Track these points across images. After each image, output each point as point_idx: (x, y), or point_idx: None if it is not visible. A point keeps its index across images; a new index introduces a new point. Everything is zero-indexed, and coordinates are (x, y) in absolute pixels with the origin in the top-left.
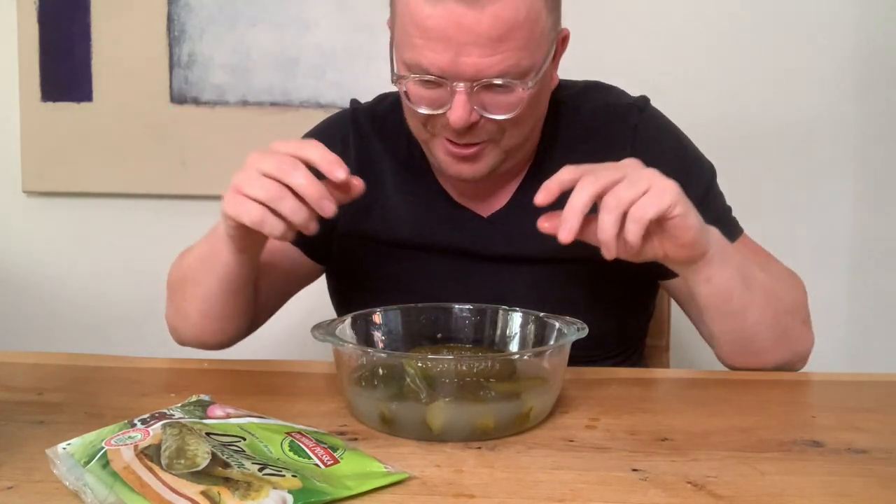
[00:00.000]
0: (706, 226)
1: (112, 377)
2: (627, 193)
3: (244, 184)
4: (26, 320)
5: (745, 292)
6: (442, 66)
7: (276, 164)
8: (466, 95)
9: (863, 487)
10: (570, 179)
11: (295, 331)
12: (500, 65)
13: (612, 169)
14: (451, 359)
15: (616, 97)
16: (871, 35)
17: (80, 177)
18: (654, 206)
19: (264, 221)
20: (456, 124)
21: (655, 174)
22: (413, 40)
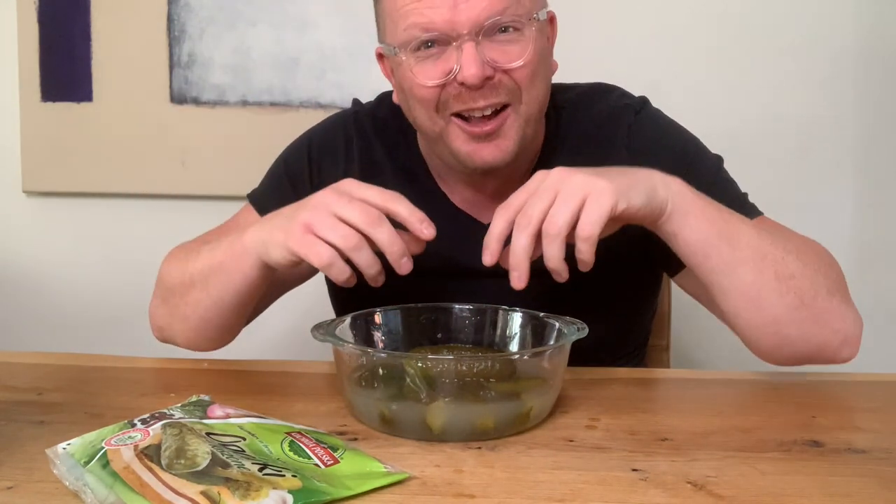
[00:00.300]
0: (657, 182)
1: (112, 377)
2: (564, 217)
3: (319, 225)
4: (26, 320)
5: (727, 249)
6: (442, 19)
7: (361, 216)
8: (474, 47)
9: (863, 487)
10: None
11: (295, 331)
12: (500, 1)
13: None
14: (451, 359)
15: (615, 99)
16: (871, 36)
17: (80, 177)
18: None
19: (333, 266)
20: (471, 80)
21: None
22: (407, 9)
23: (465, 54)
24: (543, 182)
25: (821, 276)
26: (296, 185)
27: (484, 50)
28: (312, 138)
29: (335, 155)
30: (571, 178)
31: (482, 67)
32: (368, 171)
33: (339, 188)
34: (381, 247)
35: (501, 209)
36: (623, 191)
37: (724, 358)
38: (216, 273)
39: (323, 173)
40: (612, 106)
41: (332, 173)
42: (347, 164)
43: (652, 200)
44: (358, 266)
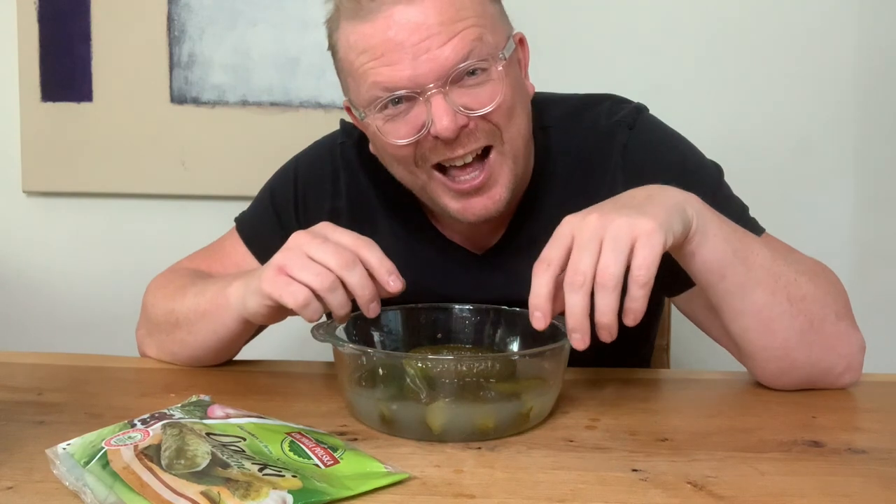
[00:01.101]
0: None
1: (112, 377)
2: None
3: (292, 266)
4: (26, 320)
5: (741, 269)
6: (404, 76)
7: (335, 257)
8: (443, 97)
9: (863, 487)
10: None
11: (295, 331)
12: (462, 45)
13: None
14: (451, 359)
15: (606, 114)
16: (872, 37)
17: (80, 177)
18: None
19: (308, 306)
20: (445, 133)
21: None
22: (365, 69)
23: (434, 107)
24: (582, 231)
25: (830, 299)
26: (280, 216)
27: (454, 98)
28: (299, 169)
29: (321, 188)
30: (614, 223)
31: (454, 118)
32: (357, 205)
33: (314, 231)
34: (352, 290)
35: (542, 266)
36: (667, 224)
37: (724, 358)
38: (201, 320)
39: (308, 206)
40: (605, 123)
41: (318, 206)
42: (335, 198)
43: (685, 223)
44: (329, 306)
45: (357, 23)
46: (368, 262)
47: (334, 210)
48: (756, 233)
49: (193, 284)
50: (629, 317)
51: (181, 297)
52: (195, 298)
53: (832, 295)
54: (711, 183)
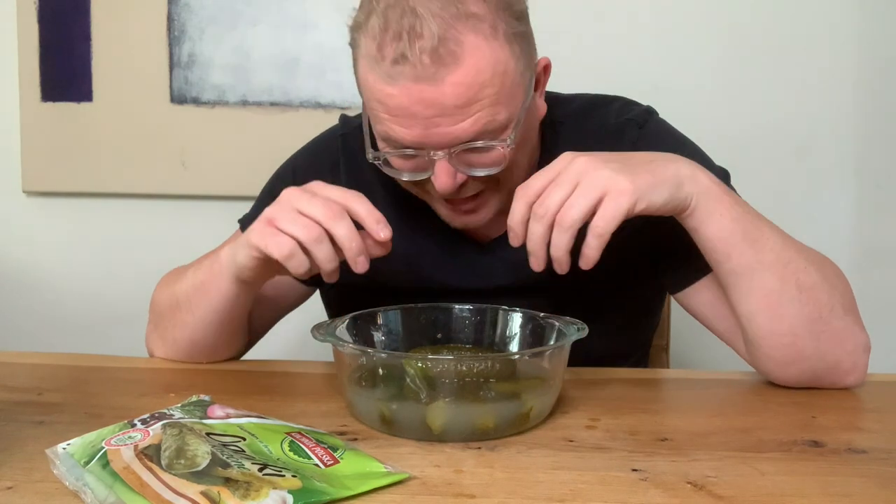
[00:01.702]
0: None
1: (112, 377)
2: (578, 212)
3: (281, 218)
4: (26, 320)
5: (749, 251)
6: (414, 139)
7: (322, 209)
8: (447, 162)
9: (863, 487)
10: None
11: (295, 331)
12: (474, 127)
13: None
14: (451, 359)
15: (617, 113)
16: (872, 38)
17: (80, 177)
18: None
19: (293, 257)
20: (443, 191)
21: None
22: (379, 114)
23: (437, 168)
24: (566, 169)
25: (837, 293)
26: None
27: (457, 158)
28: (297, 164)
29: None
30: (594, 172)
31: (454, 178)
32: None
33: (305, 187)
34: (339, 242)
35: (522, 192)
36: (644, 191)
37: (724, 358)
38: (198, 293)
39: None
40: (615, 121)
41: None
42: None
43: (674, 198)
44: (315, 259)
45: (380, 78)
46: (357, 214)
47: None
48: None
49: (192, 268)
50: (583, 261)
51: (181, 280)
52: (193, 276)
53: (839, 289)
54: None
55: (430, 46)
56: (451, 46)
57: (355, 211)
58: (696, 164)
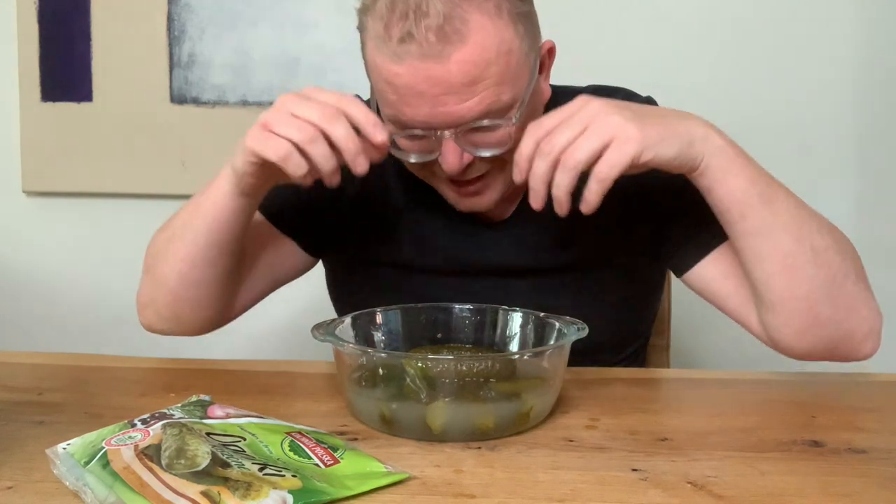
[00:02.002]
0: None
1: (112, 377)
2: (584, 154)
3: (275, 122)
4: (26, 320)
5: (765, 211)
6: (421, 119)
7: (318, 111)
8: (454, 141)
9: (863, 487)
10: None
11: (295, 331)
12: (480, 106)
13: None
14: (451, 359)
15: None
16: (871, 36)
17: (80, 177)
18: (614, 161)
19: (290, 158)
20: (450, 171)
21: (616, 122)
22: (387, 96)
23: (444, 148)
24: (579, 111)
25: (849, 259)
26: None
27: (464, 138)
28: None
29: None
30: (606, 117)
31: (462, 158)
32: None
33: (300, 91)
34: (337, 142)
35: (532, 128)
36: (652, 142)
37: (724, 358)
38: (191, 216)
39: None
40: None
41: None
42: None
43: (684, 154)
44: (313, 160)
45: (387, 57)
46: (353, 117)
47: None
48: None
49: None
50: (583, 205)
51: (175, 216)
52: (188, 203)
53: (850, 255)
54: None
55: (436, 24)
56: (457, 25)
57: (351, 114)
58: (710, 125)
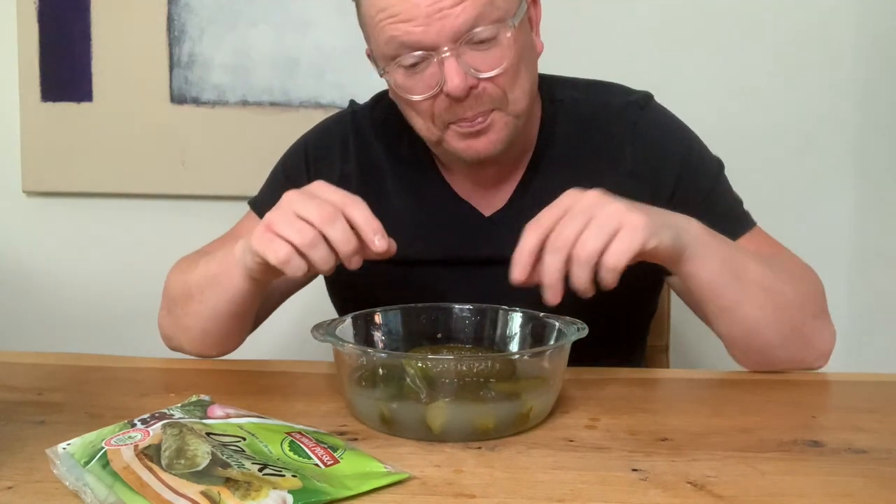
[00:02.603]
0: (681, 226)
1: (112, 377)
2: (596, 243)
3: (278, 223)
4: (26, 320)
5: (735, 287)
6: (418, 33)
7: (317, 212)
8: (455, 59)
9: (863, 487)
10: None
11: (295, 331)
12: (473, 8)
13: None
14: (451, 359)
15: (617, 95)
16: (872, 35)
17: (80, 177)
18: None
19: (290, 262)
20: (455, 91)
21: (621, 209)
22: (383, 24)
23: (447, 68)
24: (578, 203)
25: (809, 301)
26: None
27: (465, 59)
28: (308, 141)
29: (331, 155)
30: (608, 206)
31: (465, 78)
32: (366, 168)
33: (305, 189)
34: (334, 245)
35: (533, 226)
36: (656, 229)
37: (724, 358)
38: (211, 285)
39: (321, 174)
40: (617, 101)
41: (329, 173)
42: (343, 163)
43: (677, 242)
44: (311, 262)
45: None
46: (354, 220)
47: (344, 175)
48: (747, 226)
49: (205, 257)
50: (602, 285)
51: (194, 268)
52: (206, 266)
53: (811, 295)
54: (711, 172)
55: None
56: None
57: (352, 217)
58: (684, 216)
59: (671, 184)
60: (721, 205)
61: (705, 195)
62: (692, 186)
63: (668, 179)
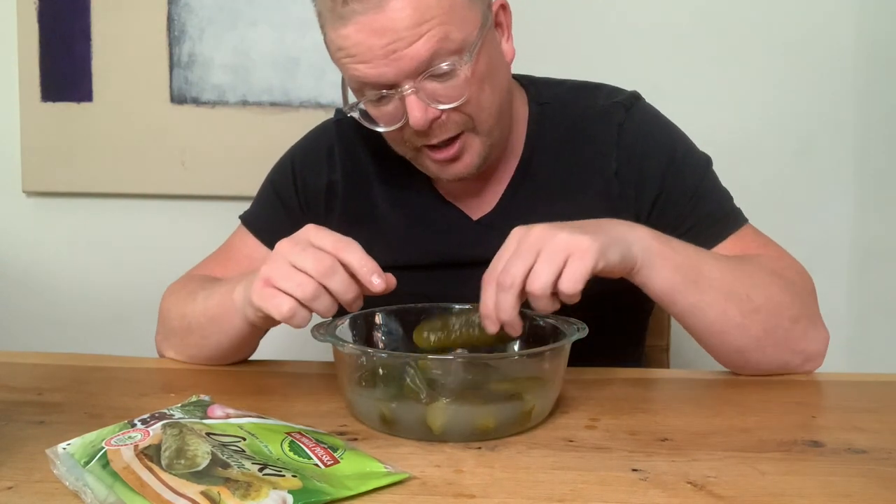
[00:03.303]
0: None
1: (112, 377)
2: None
3: (277, 278)
4: (26, 320)
5: (692, 293)
6: (378, 74)
7: (314, 264)
8: (415, 95)
9: (863, 487)
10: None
11: (295, 331)
12: (429, 44)
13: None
14: (451, 359)
15: (605, 97)
16: (871, 35)
17: (80, 177)
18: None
19: (294, 316)
20: (417, 125)
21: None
22: (344, 62)
23: (408, 103)
24: (525, 241)
25: (785, 306)
26: (284, 201)
27: (426, 91)
28: (294, 154)
29: (317, 166)
30: (554, 237)
31: (426, 112)
32: (353, 176)
33: (297, 237)
34: (335, 294)
35: (488, 277)
36: (604, 250)
37: None
38: (211, 324)
39: (307, 185)
40: (602, 103)
41: (316, 184)
42: (330, 173)
43: (626, 257)
44: (316, 312)
45: (336, 25)
46: (350, 265)
47: (331, 184)
48: (736, 225)
49: (202, 289)
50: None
51: (192, 302)
52: (204, 303)
53: (788, 299)
54: (697, 171)
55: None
56: None
57: (348, 262)
58: (636, 226)
59: (656, 184)
60: (709, 203)
61: (692, 194)
62: (678, 186)
63: (653, 180)
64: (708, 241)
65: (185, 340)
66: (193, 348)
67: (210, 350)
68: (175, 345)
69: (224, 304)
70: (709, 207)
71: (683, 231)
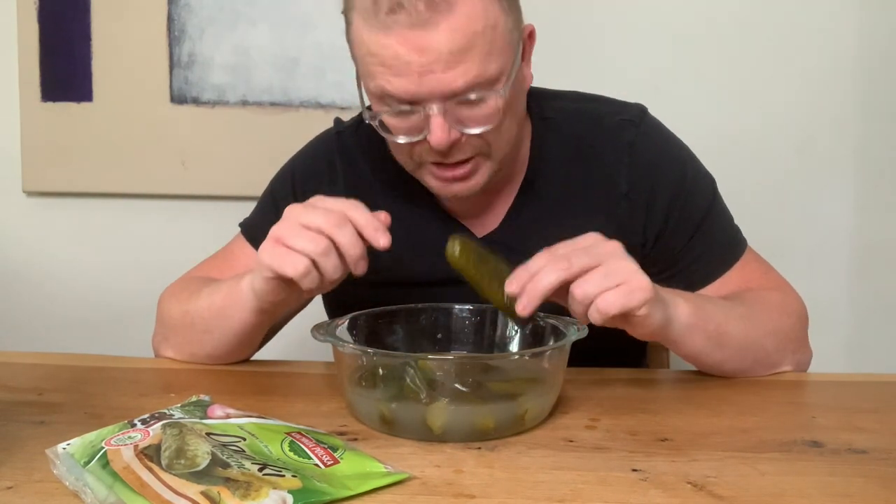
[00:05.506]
0: (671, 307)
1: (112, 377)
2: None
3: (288, 236)
4: (26, 320)
5: (716, 352)
6: (408, 91)
7: (324, 219)
8: (442, 116)
9: (863, 487)
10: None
11: (295, 331)
12: (466, 76)
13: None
14: (451, 359)
15: (610, 112)
16: (872, 35)
17: (80, 177)
18: (620, 302)
19: (308, 274)
20: (438, 146)
21: (632, 269)
22: (373, 69)
23: (432, 122)
24: (598, 247)
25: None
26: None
27: (451, 113)
28: (295, 165)
29: (318, 178)
30: (622, 260)
31: (448, 133)
32: (355, 189)
33: (305, 203)
34: (342, 248)
35: (549, 250)
36: (654, 302)
37: None
38: (217, 318)
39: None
40: (609, 120)
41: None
42: (331, 186)
43: (664, 327)
44: (324, 272)
45: (375, 30)
46: (356, 221)
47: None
48: (739, 252)
49: (206, 286)
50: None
51: (195, 299)
52: (209, 297)
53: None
54: (708, 192)
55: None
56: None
57: (354, 218)
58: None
59: (665, 206)
60: (716, 230)
61: (700, 219)
62: (687, 209)
63: (662, 201)
64: (714, 271)
65: (187, 337)
66: (195, 345)
67: (212, 346)
68: (175, 343)
69: (231, 296)
70: (716, 234)
71: (690, 260)
